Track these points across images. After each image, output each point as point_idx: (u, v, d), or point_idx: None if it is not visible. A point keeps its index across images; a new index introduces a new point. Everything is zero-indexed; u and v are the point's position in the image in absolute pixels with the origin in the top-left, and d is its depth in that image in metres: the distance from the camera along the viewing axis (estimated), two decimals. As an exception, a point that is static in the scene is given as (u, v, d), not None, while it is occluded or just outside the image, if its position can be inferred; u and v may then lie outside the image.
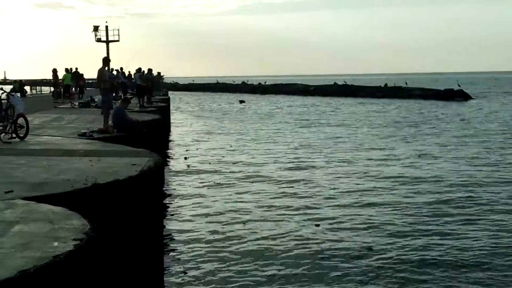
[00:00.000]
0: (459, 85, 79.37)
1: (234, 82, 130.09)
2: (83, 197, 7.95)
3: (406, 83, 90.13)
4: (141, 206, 9.55)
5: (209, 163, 22.43)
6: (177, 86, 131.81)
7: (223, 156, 24.36)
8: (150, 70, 31.56)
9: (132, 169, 9.62)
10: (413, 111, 50.22)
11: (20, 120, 14.10)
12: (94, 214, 7.95)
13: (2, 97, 14.36)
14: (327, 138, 30.40)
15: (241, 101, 71.50)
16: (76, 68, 38.31)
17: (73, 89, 36.89)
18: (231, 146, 27.68)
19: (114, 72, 34.55)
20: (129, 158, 10.84)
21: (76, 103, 29.63)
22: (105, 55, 53.50)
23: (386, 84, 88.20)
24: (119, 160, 10.63)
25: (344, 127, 36.38)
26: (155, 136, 20.20)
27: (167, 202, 15.75)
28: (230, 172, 20.41)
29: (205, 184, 18.24)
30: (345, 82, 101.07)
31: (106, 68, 17.82)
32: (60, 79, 35.72)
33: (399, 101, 66.23)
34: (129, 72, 36.20)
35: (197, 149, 26.76)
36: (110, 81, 18.74)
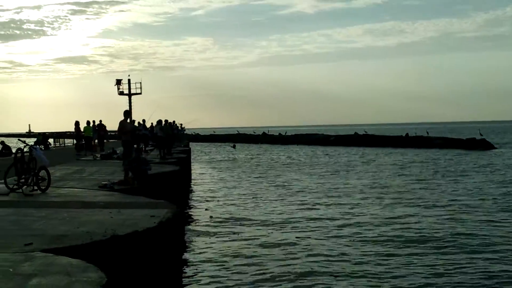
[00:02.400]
0: (481, 134, 78.96)
1: (254, 132, 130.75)
2: (101, 249, 7.96)
3: (428, 133, 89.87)
4: (160, 258, 9.53)
5: (230, 214, 22.33)
6: (198, 137, 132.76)
7: (245, 207, 24.24)
8: (167, 122, 31.76)
9: (151, 221, 9.65)
10: (437, 162, 49.85)
11: (42, 173, 14.27)
12: (113, 266, 7.97)
13: (24, 150, 14.57)
14: (353, 187, 30.23)
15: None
16: (100, 121, 38.91)
17: (95, 141, 37.34)
18: (253, 197, 27.60)
19: (136, 124, 34.94)
20: (148, 210, 10.88)
21: (98, 155, 29.93)
22: (127, 107, 54.34)
23: (407, 134, 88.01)
24: (138, 212, 10.67)
25: (372, 177, 36.17)
26: (175, 187, 20.25)
27: (187, 253, 15.65)
28: (253, 223, 20.27)
29: (227, 235, 18.07)
30: (365, 132, 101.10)
31: (128, 120, 18.03)
32: (82, 132, 36.23)
33: (421, 151, 65.86)
34: (151, 124, 36.62)
35: (218, 200, 26.70)
36: (132, 131, 18.95)
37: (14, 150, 14.98)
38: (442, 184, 31.18)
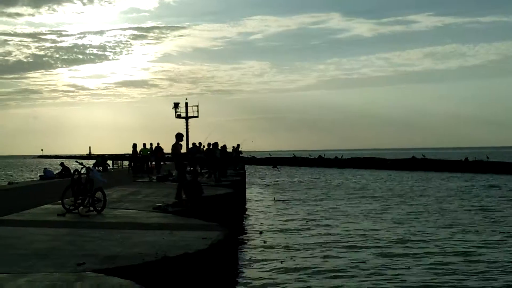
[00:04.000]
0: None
1: (310, 156, 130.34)
2: (152, 270, 8.01)
3: (488, 157, 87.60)
4: (211, 280, 9.52)
5: (285, 238, 22.14)
6: (254, 160, 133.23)
7: (300, 232, 24.01)
8: (216, 145, 31.87)
9: (202, 243, 9.66)
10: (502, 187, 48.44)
11: (98, 194, 14.55)
12: (163, 287, 8.01)
13: (82, 172, 14.90)
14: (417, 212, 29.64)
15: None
16: (158, 143, 39.52)
17: (153, 163, 37.90)
18: (307, 221, 27.36)
19: (190, 145, 35.34)
20: (201, 232, 10.92)
21: (154, 177, 30.34)
22: (184, 130, 55.09)
23: (466, 158, 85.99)
24: (190, 234, 10.73)
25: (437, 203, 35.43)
26: (229, 210, 20.29)
27: (239, 277, 15.58)
28: (307, 248, 20.02)
29: (280, 260, 17.88)
30: (423, 156, 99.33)
31: (181, 143, 18.21)
32: (139, 154, 36.87)
33: (482, 176, 64.20)
34: (204, 146, 36.86)
35: (273, 224, 26.55)
36: (186, 154, 19.16)
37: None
38: None
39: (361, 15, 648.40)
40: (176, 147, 17.86)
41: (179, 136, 18.01)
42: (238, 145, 46.03)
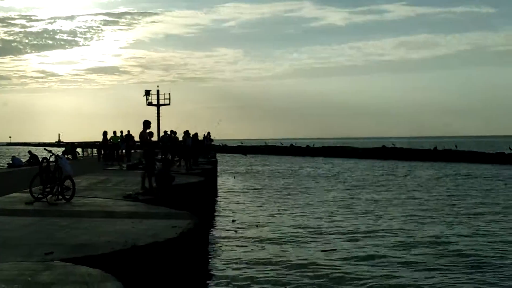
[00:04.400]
0: (510, 149, 77.73)
1: (282, 144, 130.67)
2: (121, 259, 7.98)
3: (456, 146, 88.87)
4: (181, 268, 9.52)
5: (257, 226, 22.24)
6: (225, 148, 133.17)
7: (271, 219, 24.14)
8: (187, 133, 31.72)
9: (172, 231, 9.65)
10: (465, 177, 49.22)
11: (67, 182, 14.41)
12: (132, 276, 7.99)
13: (50, 160, 14.73)
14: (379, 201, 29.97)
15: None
16: (128, 131, 39.18)
17: (123, 151, 37.60)
18: (279, 209, 27.51)
19: (161, 133, 35.12)
20: (171, 220, 10.90)
21: (124, 166, 30.15)
22: (156, 118, 54.74)
23: (435, 148, 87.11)
24: (160, 222, 10.70)
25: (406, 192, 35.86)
26: (200, 198, 20.28)
27: (210, 264, 15.61)
28: (279, 235, 20.15)
29: (252, 248, 17.96)
30: (393, 144, 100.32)
31: (151, 131, 18.05)
32: (109, 141, 36.54)
33: (450, 165, 65.15)
34: (176, 136, 36.65)
35: (244, 212, 26.64)
36: (154, 143, 19.09)
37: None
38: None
39: (334, 4, 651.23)
40: (143, 135, 17.75)
41: (146, 124, 17.82)
42: (209, 133, 45.90)
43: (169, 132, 36.15)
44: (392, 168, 60.83)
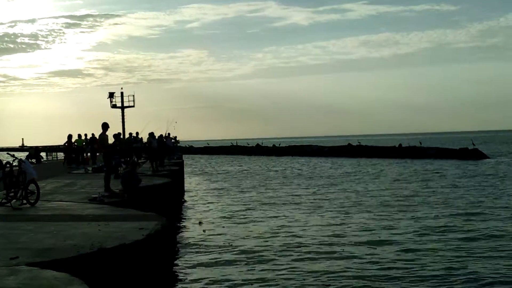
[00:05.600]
0: (473, 144, 79.14)
1: (248, 144, 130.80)
2: (88, 262, 7.92)
3: (420, 143, 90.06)
4: (148, 271, 9.49)
5: (223, 227, 22.24)
6: (192, 149, 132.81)
7: (238, 219, 24.17)
8: (152, 135, 31.53)
9: (139, 233, 9.61)
10: (424, 171, 49.93)
11: (31, 186, 14.23)
12: (99, 279, 7.94)
13: (13, 164, 14.52)
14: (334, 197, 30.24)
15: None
16: (93, 134, 38.82)
17: (88, 154, 37.24)
18: (246, 209, 27.56)
19: (127, 136, 34.92)
20: (137, 222, 10.85)
21: (90, 168, 29.86)
22: (121, 120, 54.26)
23: (400, 145, 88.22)
24: (126, 225, 10.64)
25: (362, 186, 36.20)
26: (167, 200, 20.19)
27: (177, 266, 15.57)
28: (245, 235, 20.20)
29: (219, 248, 17.95)
30: (359, 142, 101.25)
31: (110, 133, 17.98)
32: (74, 144, 36.17)
33: (414, 162, 66.00)
34: (141, 137, 36.46)
35: (211, 213, 26.61)
36: (112, 145, 19.01)
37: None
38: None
39: (298, 4, 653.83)
40: (103, 137, 17.68)
41: (105, 126, 17.78)
42: (169, 134, 45.67)
43: (134, 134, 35.95)
44: (357, 166, 61.40)
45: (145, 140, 34.25)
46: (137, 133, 36.26)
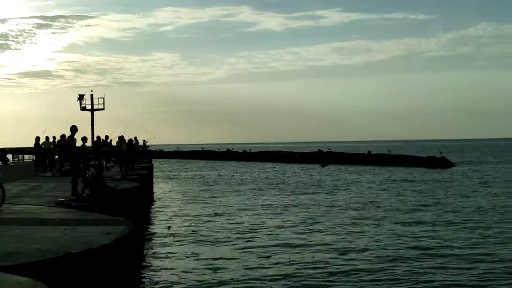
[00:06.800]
0: (441, 153, 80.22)
1: (219, 149, 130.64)
2: (53, 267, 7.82)
3: (389, 151, 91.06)
4: (115, 275, 9.40)
5: (193, 231, 22.17)
6: (162, 154, 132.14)
7: (207, 224, 24.13)
8: (121, 138, 31.22)
9: (106, 238, 9.52)
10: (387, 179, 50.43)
11: (-3, 189, 13.98)
12: (65, 284, 7.84)
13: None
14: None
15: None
16: (61, 136, 38.30)
17: (56, 157, 36.74)
18: (215, 213, 27.53)
19: (101, 140, 34.55)
20: (105, 227, 10.74)
21: (57, 172, 29.49)
22: (90, 123, 53.69)
23: (369, 152, 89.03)
24: (94, 229, 10.53)
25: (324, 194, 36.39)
26: (136, 204, 20.04)
27: (145, 271, 15.46)
28: (214, 239, 20.19)
29: (187, 253, 17.90)
30: (329, 149, 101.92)
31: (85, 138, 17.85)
32: (41, 146, 35.65)
33: (383, 169, 66.59)
34: (110, 140, 36.03)
35: (180, 217, 26.52)
36: (81, 148, 18.86)
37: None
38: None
39: (272, 9, 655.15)
40: (71, 140, 17.54)
41: (73, 129, 17.67)
42: (135, 138, 45.41)
43: (103, 138, 35.59)
44: (326, 172, 61.73)
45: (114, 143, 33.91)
46: (106, 137, 35.89)
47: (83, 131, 39.52)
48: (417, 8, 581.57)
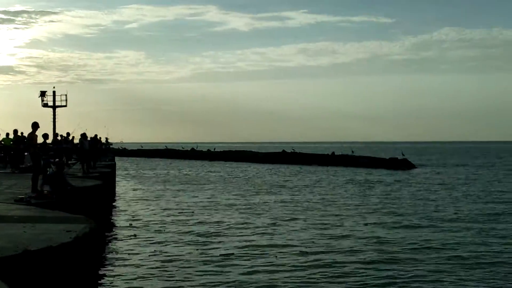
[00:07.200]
0: (403, 154, 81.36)
1: (183, 148, 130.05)
2: (11, 265, 7.68)
3: (353, 152, 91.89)
4: (76, 274, 9.28)
5: (155, 230, 22.07)
6: (125, 152, 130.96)
7: (171, 223, 24.01)
8: (84, 136, 30.84)
9: (67, 236, 9.39)
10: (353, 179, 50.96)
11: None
12: (24, 283, 7.71)
13: None
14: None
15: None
16: (22, 133, 37.66)
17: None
18: (179, 212, 27.48)
19: (59, 137, 34.07)
20: (65, 225, 10.59)
21: (16, 169, 28.94)
22: (52, 120, 52.97)
23: (333, 153, 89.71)
24: (54, 227, 10.37)
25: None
26: (97, 202, 19.81)
27: (106, 269, 15.30)
28: (178, 237, 20.14)
29: (149, 251, 17.80)
30: (293, 149, 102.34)
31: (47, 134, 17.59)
32: (1, 143, 34.99)
33: (346, 169, 67.21)
34: (73, 137, 35.55)
35: (142, 216, 26.34)
36: (42, 144, 18.59)
37: None
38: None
39: (238, 9, 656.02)
40: (32, 137, 17.31)
41: (34, 126, 17.48)
42: (96, 135, 44.82)
43: (65, 135, 35.14)
44: (288, 172, 62.03)
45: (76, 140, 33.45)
46: (67, 134, 35.41)
47: (45, 128, 38.89)
48: (381, 11, 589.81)
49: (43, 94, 54.04)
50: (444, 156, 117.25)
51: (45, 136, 23.23)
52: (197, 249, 18.30)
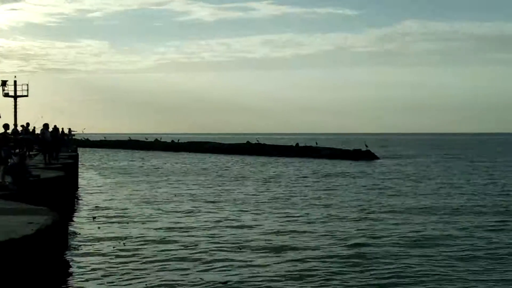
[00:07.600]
0: (366, 146, 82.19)
1: (147, 139, 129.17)
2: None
3: (316, 143, 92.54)
4: (38, 266, 9.26)
5: (119, 222, 21.98)
6: (87, 143, 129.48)
7: (134, 215, 23.94)
8: (46, 126, 30.46)
9: (29, 228, 9.36)
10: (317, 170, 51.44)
11: None
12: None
13: None
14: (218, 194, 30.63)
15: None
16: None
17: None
18: (143, 202, 27.45)
19: (19, 128, 33.61)
20: (27, 216, 10.54)
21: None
22: (13, 110, 52.09)
23: (297, 144, 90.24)
24: (15, 219, 10.33)
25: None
26: (60, 194, 19.66)
27: (71, 262, 15.21)
28: (141, 231, 20.09)
29: (112, 243, 17.74)
30: (257, 140, 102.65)
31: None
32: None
33: (309, 161, 67.74)
34: (34, 127, 35.04)
35: (106, 208, 26.18)
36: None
37: None
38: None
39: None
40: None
41: None
42: (69, 129, 44.55)
43: (25, 125, 34.66)
44: (253, 163, 62.28)
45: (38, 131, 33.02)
46: (27, 124, 34.87)
47: (6, 118, 38.25)
48: (347, 3, 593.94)
49: (4, 83, 53.05)
50: (405, 148, 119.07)
51: (6, 126, 22.90)
52: (161, 239, 18.34)
